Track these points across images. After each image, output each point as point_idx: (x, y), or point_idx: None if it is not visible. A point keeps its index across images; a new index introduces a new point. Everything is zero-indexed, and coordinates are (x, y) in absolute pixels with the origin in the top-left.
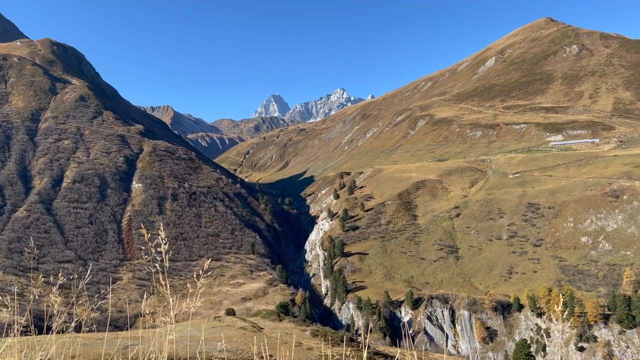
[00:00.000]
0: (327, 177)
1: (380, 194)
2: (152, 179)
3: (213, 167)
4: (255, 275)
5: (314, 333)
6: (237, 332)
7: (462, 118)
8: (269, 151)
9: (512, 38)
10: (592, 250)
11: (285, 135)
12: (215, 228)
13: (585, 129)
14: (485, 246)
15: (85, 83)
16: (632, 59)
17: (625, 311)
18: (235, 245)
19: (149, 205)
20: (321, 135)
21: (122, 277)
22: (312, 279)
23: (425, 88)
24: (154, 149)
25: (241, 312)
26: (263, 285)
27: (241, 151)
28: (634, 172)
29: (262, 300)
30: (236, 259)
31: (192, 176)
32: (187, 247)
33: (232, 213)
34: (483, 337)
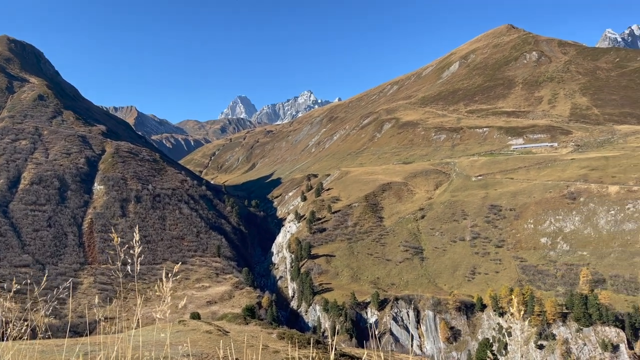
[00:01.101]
0: (294, 179)
1: (347, 196)
2: (115, 181)
3: (178, 168)
4: (221, 278)
5: (281, 336)
6: (202, 336)
7: (427, 121)
8: (236, 153)
9: (476, 44)
10: (551, 250)
11: (252, 136)
12: (180, 231)
13: (544, 133)
14: (449, 247)
15: (44, 82)
16: (588, 66)
17: (582, 310)
18: (201, 248)
19: (111, 208)
20: (288, 137)
21: (82, 282)
22: (279, 281)
23: (391, 92)
24: (116, 150)
25: (206, 316)
26: (229, 289)
27: (207, 153)
28: (590, 175)
29: (228, 304)
30: (201, 262)
31: (156, 178)
32: (150, 250)
33: (198, 215)
34: (447, 336)
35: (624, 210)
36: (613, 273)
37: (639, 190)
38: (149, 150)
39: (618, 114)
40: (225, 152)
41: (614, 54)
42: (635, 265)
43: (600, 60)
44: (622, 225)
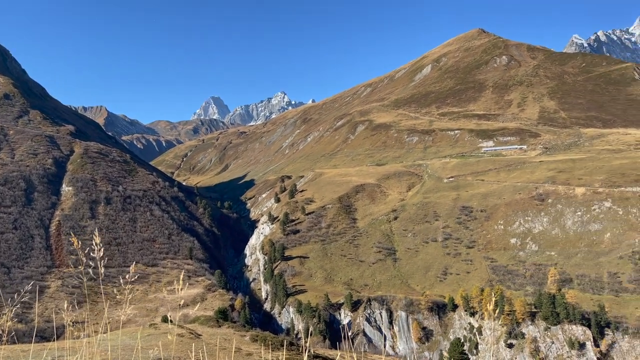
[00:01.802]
0: (267, 181)
1: (321, 198)
2: (84, 182)
3: (149, 170)
4: (193, 281)
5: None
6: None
7: (400, 124)
8: (208, 154)
9: (447, 47)
10: (520, 251)
11: (225, 137)
12: (151, 233)
13: (514, 136)
14: (421, 248)
15: (10, 80)
16: (555, 70)
17: (550, 308)
18: (172, 250)
19: (80, 210)
20: (262, 138)
21: (50, 285)
22: (252, 283)
23: (365, 94)
24: (85, 151)
25: (178, 319)
26: (201, 291)
27: (179, 154)
28: (558, 177)
29: (201, 306)
30: (173, 264)
31: (127, 179)
32: (121, 252)
33: (169, 217)
34: (419, 337)
35: (590, 212)
36: (579, 273)
37: (604, 192)
38: (119, 151)
39: (584, 117)
40: (197, 153)
41: (581, 59)
42: (601, 265)
43: (568, 65)
44: (588, 225)
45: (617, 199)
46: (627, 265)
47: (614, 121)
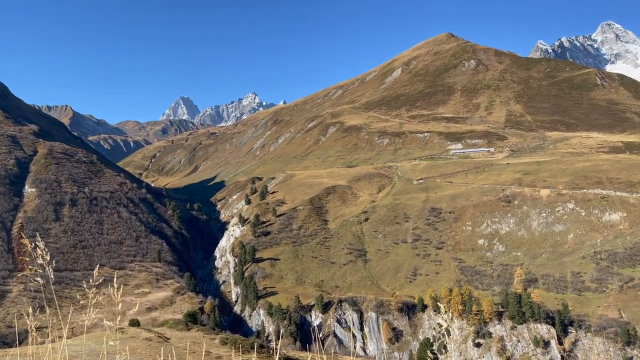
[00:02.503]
0: (238, 182)
1: (292, 199)
2: (48, 183)
3: (116, 170)
4: (161, 283)
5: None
6: (141, 343)
7: (370, 126)
8: (178, 155)
9: (417, 50)
10: (488, 251)
11: (195, 138)
12: (118, 235)
13: (481, 139)
14: (391, 249)
15: None
16: (522, 75)
17: (516, 308)
18: (140, 252)
19: (44, 212)
20: (232, 139)
21: (11, 290)
22: (222, 286)
23: (336, 96)
24: (50, 151)
25: (146, 323)
26: (170, 294)
27: (147, 154)
28: (524, 179)
29: (169, 310)
30: (141, 267)
31: (94, 180)
32: (87, 255)
33: (137, 219)
34: (390, 337)
35: (554, 213)
36: (544, 272)
37: (568, 193)
38: (85, 151)
39: (549, 121)
40: (166, 154)
41: (545, 64)
42: (564, 265)
43: (533, 69)
44: (553, 226)
45: (580, 201)
46: (589, 265)
47: (577, 125)
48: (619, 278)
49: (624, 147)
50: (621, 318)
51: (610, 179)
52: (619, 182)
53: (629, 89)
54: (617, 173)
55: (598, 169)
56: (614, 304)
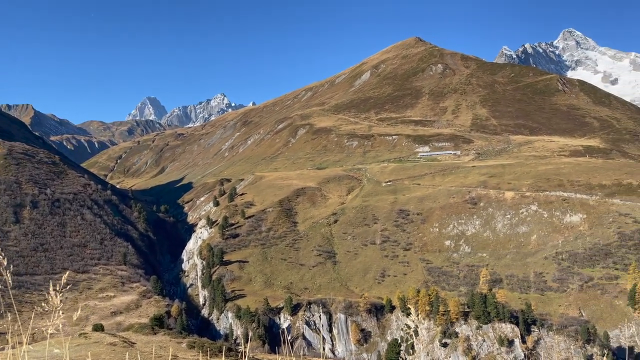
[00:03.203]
0: (206, 184)
1: (261, 201)
2: (7, 185)
3: (80, 172)
4: (127, 287)
5: (191, 345)
6: (105, 348)
7: (340, 128)
8: (144, 156)
9: (386, 54)
10: (454, 252)
11: (162, 139)
12: (82, 238)
13: (448, 142)
14: (360, 251)
15: None
16: (487, 79)
17: (482, 308)
18: (105, 256)
19: (3, 214)
20: (200, 140)
21: None
22: (190, 289)
23: (306, 98)
24: (9, 152)
25: (111, 328)
26: (136, 298)
27: (113, 155)
28: (489, 181)
29: (135, 314)
30: (105, 270)
31: (56, 182)
32: (48, 259)
33: (102, 221)
34: (358, 338)
35: (518, 215)
36: (509, 273)
37: (531, 196)
38: (47, 152)
39: (513, 125)
40: (132, 155)
41: (510, 69)
42: (528, 266)
43: (498, 74)
44: (517, 228)
45: (543, 203)
46: (551, 265)
47: (540, 129)
48: (579, 278)
49: (584, 151)
50: (581, 317)
51: (571, 181)
52: (579, 184)
53: (589, 95)
54: (578, 176)
55: (560, 171)
56: (574, 303)
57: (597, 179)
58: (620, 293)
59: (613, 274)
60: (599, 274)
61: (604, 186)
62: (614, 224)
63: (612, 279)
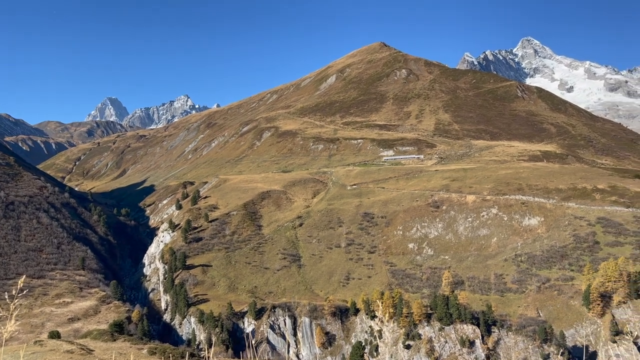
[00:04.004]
0: (169, 187)
1: (225, 204)
2: None
3: (36, 174)
4: (85, 292)
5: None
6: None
7: (305, 131)
8: (104, 158)
9: (351, 58)
10: (417, 255)
11: (123, 141)
12: (37, 242)
13: (412, 146)
14: (325, 254)
15: None
16: (450, 85)
17: (444, 309)
18: (62, 260)
19: None
20: (163, 142)
21: None
22: (151, 294)
23: (271, 100)
24: None
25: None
26: (94, 304)
27: (71, 157)
28: (451, 185)
29: (94, 320)
30: (63, 275)
31: (10, 184)
32: (2, 264)
33: (59, 225)
34: (323, 342)
35: (479, 218)
36: (470, 275)
37: (492, 199)
38: (1, 153)
39: (475, 130)
40: (92, 157)
41: (471, 75)
42: (488, 268)
43: (460, 80)
44: (478, 231)
45: (503, 206)
46: (510, 267)
47: (500, 134)
48: (537, 279)
49: (542, 156)
50: (539, 317)
51: (529, 185)
52: (537, 188)
53: (546, 102)
54: (536, 180)
55: (519, 176)
56: (532, 303)
57: (554, 183)
58: (576, 293)
59: (569, 275)
60: (556, 275)
61: (560, 190)
62: (569, 226)
63: (567, 280)
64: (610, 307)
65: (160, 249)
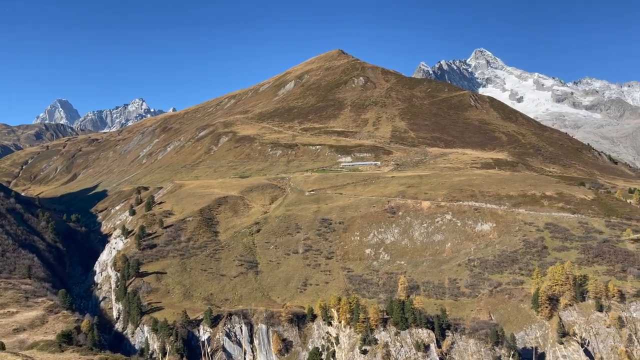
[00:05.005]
0: (122, 192)
1: (180, 210)
2: None
3: None
4: (31, 302)
5: None
6: None
7: (263, 137)
8: (54, 162)
9: (310, 65)
10: (374, 260)
11: (74, 145)
12: None
13: (369, 152)
14: (283, 260)
15: None
16: (406, 93)
17: (400, 314)
18: (7, 268)
19: None
20: (117, 146)
21: None
22: (102, 302)
23: (229, 105)
24: None
25: (13, 346)
26: (41, 313)
27: (17, 161)
28: (407, 191)
29: (40, 330)
30: (7, 284)
31: None
32: None
33: (4, 232)
34: (279, 349)
35: (434, 223)
36: (425, 280)
37: (446, 205)
38: None
39: (430, 137)
40: (40, 161)
41: (427, 84)
42: (443, 272)
43: (416, 89)
44: (433, 236)
45: (456, 212)
46: (464, 271)
47: (454, 142)
48: (489, 283)
49: (494, 164)
50: (491, 320)
51: (482, 192)
52: (489, 195)
53: (498, 111)
54: (488, 187)
55: (472, 182)
56: (485, 307)
57: (505, 190)
58: (525, 297)
59: (519, 279)
60: (507, 279)
61: (511, 197)
62: (519, 232)
63: (518, 284)
64: (558, 310)
65: (113, 256)
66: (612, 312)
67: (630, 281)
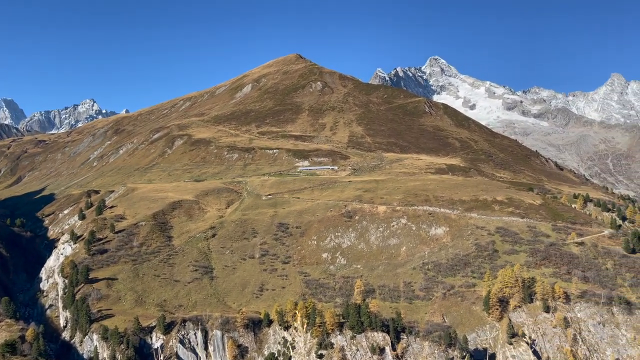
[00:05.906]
0: (71, 196)
1: (133, 215)
2: None
3: None
4: None
5: None
6: None
7: (220, 140)
8: None
9: (267, 68)
10: (331, 265)
11: (19, 146)
12: None
13: (327, 157)
14: (239, 265)
15: None
16: (363, 99)
17: (356, 318)
18: None
19: None
20: (65, 148)
21: None
22: (49, 310)
23: (184, 107)
24: None
25: None
26: None
27: None
28: (364, 195)
29: None
30: None
31: None
32: None
33: None
34: (235, 355)
35: (390, 228)
36: (381, 283)
37: (401, 210)
38: None
39: (386, 143)
40: None
41: (383, 90)
42: (398, 276)
43: (372, 95)
44: (388, 240)
45: (411, 217)
46: (418, 275)
47: (409, 147)
48: (442, 286)
49: (447, 169)
50: (444, 322)
51: (436, 197)
52: (443, 200)
53: (452, 118)
54: (442, 192)
55: (426, 187)
56: (438, 310)
57: (458, 195)
58: (477, 299)
59: (471, 282)
60: (460, 282)
61: (464, 201)
62: (472, 236)
63: (470, 287)
64: (508, 311)
65: (60, 261)
66: (558, 312)
67: (575, 283)
